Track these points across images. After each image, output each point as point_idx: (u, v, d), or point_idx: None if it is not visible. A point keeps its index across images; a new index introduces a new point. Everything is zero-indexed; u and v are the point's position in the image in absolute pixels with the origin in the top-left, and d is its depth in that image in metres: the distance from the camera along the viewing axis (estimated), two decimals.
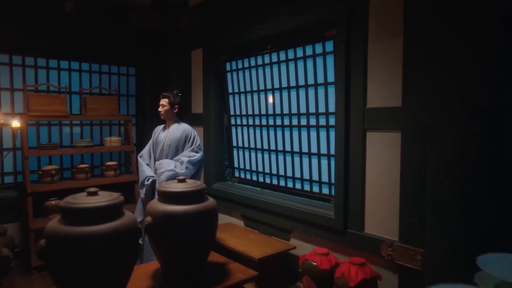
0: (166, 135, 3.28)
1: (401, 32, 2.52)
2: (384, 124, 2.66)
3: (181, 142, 3.23)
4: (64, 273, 1.42)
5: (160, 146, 3.27)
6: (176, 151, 3.22)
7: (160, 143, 3.28)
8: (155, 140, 3.36)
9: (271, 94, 3.72)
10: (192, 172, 3.15)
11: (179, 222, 1.72)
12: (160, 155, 3.26)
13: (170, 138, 3.24)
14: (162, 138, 3.29)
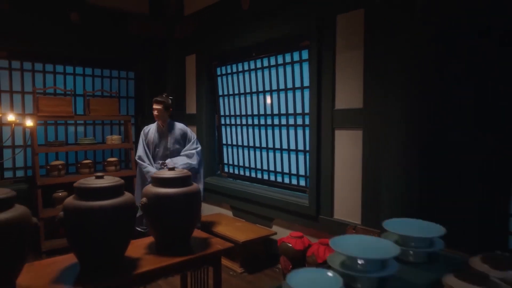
0: (165, 135, 3.62)
1: (362, 45, 2.94)
2: (349, 123, 3.08)
3: (182, 139, 3.64)
4: (77, 237, 1.83)
5: (163, 145, 3.61)
6: (178, 147, 3.62)
7: (162, 142, 3.61)
8: (151, 140, 3.63)
9: (256, 96, 4.14)
10: (200, 160, 3.61)
11: (169, 201, 2.13)
12: (164, 153, 3.60)
13: (172, 137, 3.62)
14: (162, 137, 3.63)
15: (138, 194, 3.65)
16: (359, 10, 2.93)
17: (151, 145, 3.64)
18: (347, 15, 3.04)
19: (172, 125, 3.68)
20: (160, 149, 3.63)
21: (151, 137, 3.64)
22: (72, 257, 1.96)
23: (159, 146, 3.63)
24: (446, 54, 2.42)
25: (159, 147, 3.63)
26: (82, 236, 1.81)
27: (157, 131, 3.65)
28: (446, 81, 2.43)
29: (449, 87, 2.41)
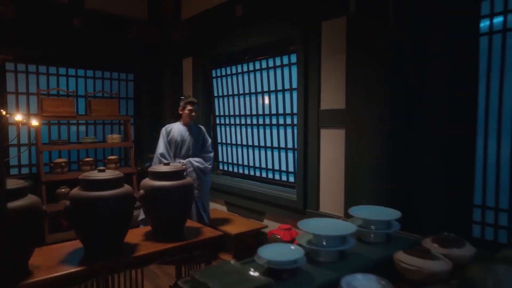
0: (188, 134, 3.76)
1: (344, 50, 3.17)
2: (333, 123, 3.31)
3: (201, 139, 3.86)
4: (82, 224, 2.06)
5: (187, 144, 3.75)
6: (197, 147, 3.81)
7: (185, 141, 3.75)
8: (174, 138, 3.73)
9: (249, 97, 4.37)
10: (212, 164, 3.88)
11: (164, 193, 2.36)
12: (186, 152, 3.74)
13: (194, 137, 3.79)
14: (186, 137, 3.76)
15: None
16: (342, 18, 3.15)
17: (174, 144, 3.74)
18: (331, 22, 3.27)
19: (193, 125, 3.85)
20: (183, 148, 3.73)
21: (174, 135, 3.74)
22: (77, 243, 2.19)
23: (183, 145, 3.74)
24: (417, 57, 2.65)
25: (183, 146, 3.74)
26: (86, 222, 2.04)
27: (181, 130, 3.77)
28: (418, 81, 2.66)
29: (419, 87, 2.64)
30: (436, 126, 2.60)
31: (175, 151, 3.75)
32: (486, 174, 2.48)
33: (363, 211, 1.80)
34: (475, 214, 2.52)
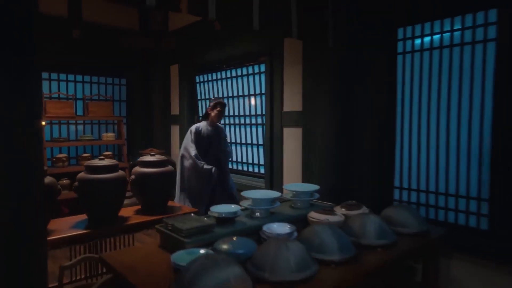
0: (215, 134, 3.92)
1: (301, 62, 3.84)
2: (293, 123, 3.97)
3: (223, 136, 4.06)
4: (86, 199, 2.70)
5: (214, 144, 3.90)
6: (221, 144, 3.97)
7: (213, 142, 3.89)
8: (203, 139, 3.85)
9: (227, 100, 5.03)
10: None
11: (151, 178, 3.01)
12: (213, 150, 3.89)
13: (219, 136, 3.96)
14: (213, 138, 3.90)
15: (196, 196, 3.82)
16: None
17: (203, 144, 3.83)
18: (290, 39, 3.93)
19: (218, 124, 4.01)
20: (211, 148, 3.88)
21: (203, 136, 3.85)
22: (82, 217, 2.83)
23: (211, 145, 3.88)
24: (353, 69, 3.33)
25: (211, 146, 3.88)
26: (90, 198, 2.69)
27: (209, 131, 3.89)
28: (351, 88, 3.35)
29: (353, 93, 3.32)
30: (368, 124, 3.28)
31: (204, 151, 3.83)
32: (402, 165, 3.17)
33: (295, 186, 2.48)
34: (395, 193, 3.21)
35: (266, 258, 1.49)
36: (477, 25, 2.70)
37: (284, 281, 1.42)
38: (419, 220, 2.13)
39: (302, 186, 2.48)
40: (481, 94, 2.71)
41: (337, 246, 1.67)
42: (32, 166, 1.73)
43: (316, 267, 1.54)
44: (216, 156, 3.90)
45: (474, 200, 2.78)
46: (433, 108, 2.98)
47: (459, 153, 2.85)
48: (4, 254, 1.55)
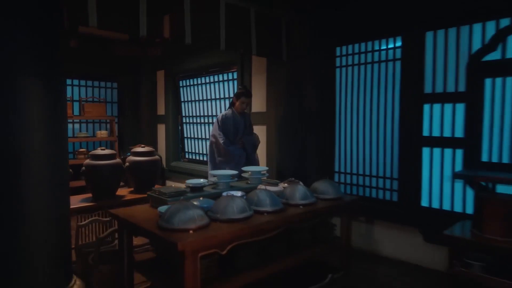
0: (241, 122, 4.09)
1: (265, 71, 4.68)
2: (260, 121, 4.81)
3: (248, 124, 4.22)
4: (92, 180, 3.49)
5: (240, 131, 4.08)
6: (246, 131, 4.15)
7: (239, 129, 4.07)
8: (229, 127, 4.04)
9: (207, 102, 5.84)
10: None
11: (142, 164, 3.81)
12: (243, 134, 4.10)
13: (244, 124, 4.13)
14: (240, 126, 4.08)
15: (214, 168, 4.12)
16: None
17: (229, 131, 4.03)
18: None
19: (244, 112, 4.18)
20: (237, 135, 4.08)
21: (229, 125, 4.04)
22: (87, 196, 3.61)
23: (237, 133, 4.07)
24: (301, 79, 4.18)
25: (237, 133, 4.07)
26: (94, 179, 3.48)
27: (235, 119, 4.07)
28: (302, 93, 4.20)
29: (303, 97, 4.18)
30: (315, 122, 4.14)
31: (231, 137, 4.05)
32: (340, 154, 4.05)
33: (250, 168, 3.32)
34: (335, 176, 4.09)
35: (219, 206, 2.32)
36: (389, 48, 3.59)
37: (229, 219, 2.24)
38: (335, 189, 2.98)
39: (255, 168, 3.32)
40: (392, 99, 3.60)
41: (269, 202, 2.51)
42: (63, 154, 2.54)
43: (251, 213, 2.37)
44: (248, 143, 4.08)
45: (388, 180, 3.67)
46: (361, 110, 3.86)
47: (378, 145, 3.74)
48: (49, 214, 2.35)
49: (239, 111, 4.07)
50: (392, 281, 3.16)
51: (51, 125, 2.46)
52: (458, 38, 3.16)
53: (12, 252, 2.20)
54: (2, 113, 2.20)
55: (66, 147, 2.67)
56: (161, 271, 2.42)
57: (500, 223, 2.53)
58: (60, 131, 2.57)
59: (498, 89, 2.96)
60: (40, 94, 2.40)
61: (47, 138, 2.43)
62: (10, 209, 2.23)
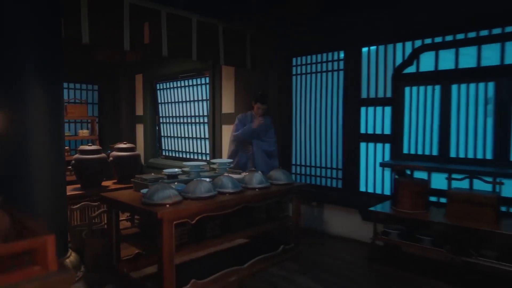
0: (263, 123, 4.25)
1: (233, 77, 5.32)
2: (229, 121, 5.44)
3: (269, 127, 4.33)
4: (80, 172, 4.03)
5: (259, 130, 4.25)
6: (266, 132, 4.31)
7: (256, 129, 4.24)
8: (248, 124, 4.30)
9: (182, 104, 6.43)
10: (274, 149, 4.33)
11: (123, 159, 4.38)
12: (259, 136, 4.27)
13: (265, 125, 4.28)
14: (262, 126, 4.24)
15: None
16: None
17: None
18: None
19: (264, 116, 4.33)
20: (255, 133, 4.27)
21: (248, 123, 4.32)
22: (76, 186, 4.15)
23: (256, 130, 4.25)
24: (263, 85, 4.84)
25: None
26: (82, 170, 4.03)
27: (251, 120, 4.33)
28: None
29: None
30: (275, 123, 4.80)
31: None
32: (296, 149, 4.74)
33: (218, 160, 3.95)
34: (293, 168, 4.78)
35: (190, 188, 2.95)
36: (334, 59, 4.31)
37: (197, 197, 2.87)
38: (287, 176, 3.65)
39: (222, 160, 3.96)
40: (337, 102, 4.32)
41: (231, 185, 3.15)
42: (61, 149, 3.10)
43: (215, 193, 3.00)
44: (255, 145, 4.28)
45: (334, 170, 4.38)
46: (313, 112, 4.57)
47: (326, 141, 4.45)
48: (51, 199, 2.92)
49: (257, 114, 4.28)
50: (335, 252, 3.86)
51: (52, 124, 3.02)
52: (385, 54, 3.90)
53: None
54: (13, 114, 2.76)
55: (63, 143, 3.24)
56: (144, 241, 3.02)
57: (409, 200, 3.28)
58: (59, 129, 3.14)
59: (414, 95, 3.72)
60: (43, 98, 2.96)
61: (49, 135, 2.99)
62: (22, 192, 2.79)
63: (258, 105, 4.26)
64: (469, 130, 3.40)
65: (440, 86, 3.54)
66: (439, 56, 3.53)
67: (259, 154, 4.26)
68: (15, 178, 2.79)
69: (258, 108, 4.26)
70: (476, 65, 3.31)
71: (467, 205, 2.99)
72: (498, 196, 2.95)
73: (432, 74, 3.58)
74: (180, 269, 3.01)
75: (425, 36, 3.59)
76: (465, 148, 3.43)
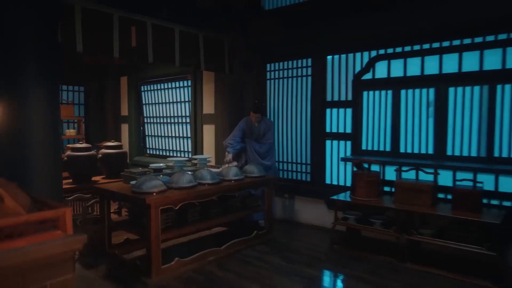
0: (255, 127, 4.72)
1: (213, 81, 5.77)
2: (209, 121, 5.89)
3: (265, 130, 4.72)
4: (71, 168, 4.42)
5: (254, 134, 4.74)
6: (263, 136, 4.72)
7: (253, 132, 4.74)
8: (246, 128, 4.77)
9: (165, 105, 6.83)
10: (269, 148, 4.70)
11: (111, 156, 4.78)
12: (254, 138, 4.73)
13: (259, 129, 4.72)
14: (254, 129, 4.74)
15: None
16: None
17: (247, 131, 4.79)
18: None
19: (263, 120, 4.77)
20: (252, 136, 4.76)
21: (247, 127, 4.80)
22: (68, 181, 4.53)
23: (252, 134, 4.77)
24: (240, 88, 5.31)
25: (252, 134, 4.77)
26: (74, 167, 4.42)
27: (252, 124, 4.77)
28: (242, 100, 5.33)
29: (243, 103, 5.30)
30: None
31: (248, 136, 4.79)
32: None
33: (199, 156, 4.40)
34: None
35: (174, 179, 3.39)
36: (303, 66, 4.82)
37: (180, 187, 3.32)
38: (260, 170, 4.13)
39: (202, 156, 4.41)
40: (306, 104, 4.83)
41: (209, 177, 3.61)
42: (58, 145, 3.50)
43: (196, 183, 3.46)
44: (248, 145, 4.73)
45: (304, 165, 4.90)
46: (285, 113, 5.07)
47: (297, 139, 4.96)
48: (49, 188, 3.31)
49: (253, 121, 4.73)
50: (303, 237, 4.36)
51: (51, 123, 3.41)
52: (347, 62, 4.43)
53: None
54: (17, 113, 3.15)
55: (61, 140, 3.63)
56: (134, 226, 3.45)
57: (364, 190, 3.80)
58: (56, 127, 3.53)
59: (371, 99, 4.26)
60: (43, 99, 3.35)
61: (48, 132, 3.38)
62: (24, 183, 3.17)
63: (252, 114, 4.72)
64: (415, 129, 3.96)
65: (391, 91, 4.09)
66: (391, 65, 4.08)
67: (250, 153, 4.70)
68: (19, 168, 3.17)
69: (252, 116, 4.72)
70: (420, 73, 3.87)
71: (410, 193, 3.54)
72: (434, 184, 3.51)
73: (385, 80, 4.13)
74: (166, 252, 3.45)
75: (379, 47, 4.13)
76: (412, 144, 3.99)
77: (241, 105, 5.33)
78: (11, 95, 3.20)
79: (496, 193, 3.50)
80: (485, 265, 3.21)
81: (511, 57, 3.36)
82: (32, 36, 3.25)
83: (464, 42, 3.61)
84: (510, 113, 3.41)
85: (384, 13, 3.95)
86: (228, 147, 4.70)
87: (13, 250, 1.63)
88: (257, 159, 4.63)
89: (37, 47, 3.29)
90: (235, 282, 3.15)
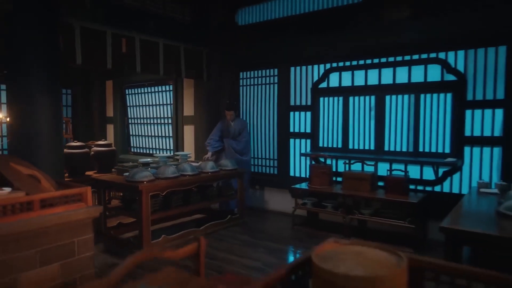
0: (230, 126, 5.42)
1: (193, 86, 6.47)
2: (189, 122, 6.59)
3: (240, 129, 5.43)
4: (67, 165, 5.04)
5: (230, 133, 5.41)
6: (238, 134, 5.44)
7: (230, 131, 5.41)
8: (223, 128, 5.46)
9: (149, 107, 7.48)
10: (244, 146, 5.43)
11: (102, 153, 5.42)
12: (230, 137, 5.41)
13: (234, 128, 5.41)
14: (230, 128, 5.41)
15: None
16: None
17: (224, 131, 5.47)
18: None
19: (237, 120, 5.50)
20: (229, 135, 5.42)
21: (223, 127, 5.48)
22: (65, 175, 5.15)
23: (228, 133, 5.44)
24: (217, 94, 6.03)
25: (228, 134, 5.44)
26: (71, 162, 5.05)
27: (228, 124, 5.46)
28: (218, 104, 6.05)
29: (219, 106, 6.03)
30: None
31: (225, 136, 5.46)
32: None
33: (180, 153, 5.11)
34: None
35: (160, 171, 4.10)
36: (271, 75, 5.60)
37: (166, 177, 4.02)
38: (233, 164, 4.87)
39: (184, 152, 5.13)
40: (273, 108, 5.62)
41: (190, 170, 4.33)
42: (60, 142, 4.14)
43: (179, 174, 4.17)
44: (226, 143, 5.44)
45: (272, 160, 5.68)
46: (256, 114, 5.83)
47: (265, 137, 5.73)
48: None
49: (228, 119, 5.42)
50: (270, 221, 5.14)
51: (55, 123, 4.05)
52: (306, 72, 5.24)
53: None
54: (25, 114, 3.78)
55: (62, 138, 4.27)
56: (127, 210, 4.13)
57: (319, 179, 4.61)
58: (59, 127, 4.16)
59: (326, 104, 5.08)
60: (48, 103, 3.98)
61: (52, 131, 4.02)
62: None
63: (225, 112, 5.41)
64: (360, 129, 4.80)
65: (342, 98, 4.92)
66: (342, 76, 4.91)
67: (228, 151, 5.36)
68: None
69: (226, 114, 5.41)
70: (364, 83, 4.71)
71: (354, 181, 4.36)
72: (374, 174, 4.35)
73: (337, 89, 4.95)
74: (155, 232, 4.15)
75: (333, 61, 4.95)
76: (358, 141, 4.83)
77: (218, 108, 6.07)
78: (21, 100, 3.83)
79: (421, 180, 4.37)
80: (411, 237, 4.07)
81: (431, 73, 4.23)
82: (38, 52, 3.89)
83: (397, 59, 4.47)
84: (430, 116, 4.28)
85: (338, 32, 4.76)
86: (208, 146, 5.43)
87: (54, 214, 2.34)
88: (234, 155, 5.31)
89: (42, 60, 3.93)
90: (213, 253, 3.88)
